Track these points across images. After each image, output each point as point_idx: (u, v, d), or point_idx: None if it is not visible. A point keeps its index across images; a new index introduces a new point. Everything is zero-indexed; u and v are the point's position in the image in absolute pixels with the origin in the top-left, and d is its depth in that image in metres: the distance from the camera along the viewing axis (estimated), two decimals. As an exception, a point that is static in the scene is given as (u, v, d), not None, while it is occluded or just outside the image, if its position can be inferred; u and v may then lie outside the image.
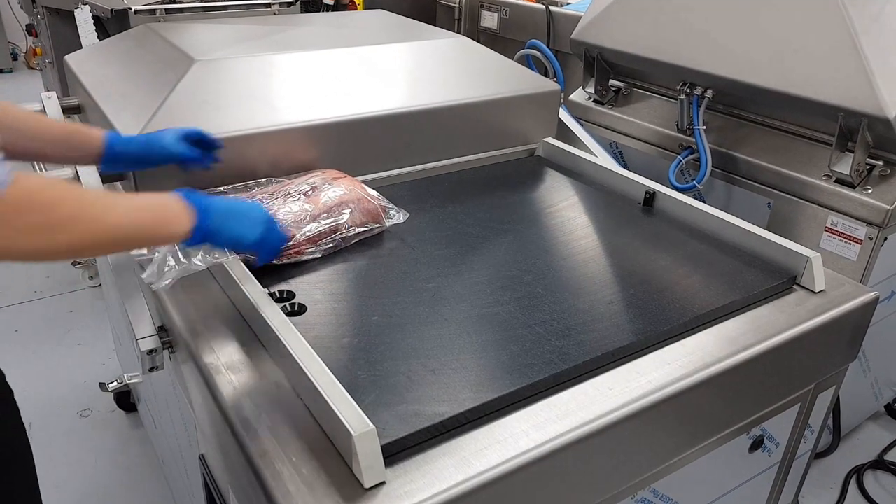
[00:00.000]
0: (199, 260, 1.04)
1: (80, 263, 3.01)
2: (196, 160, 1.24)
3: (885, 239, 1.66)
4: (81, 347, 2.62)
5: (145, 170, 1.26)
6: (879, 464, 2.17)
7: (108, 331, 2.61)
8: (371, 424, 0.78)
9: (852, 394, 2.02)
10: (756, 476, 1.31)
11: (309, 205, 1.23)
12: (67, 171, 1.32)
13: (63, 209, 0.83)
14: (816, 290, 1.21)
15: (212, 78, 1.43)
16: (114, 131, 1.25)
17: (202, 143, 1.26)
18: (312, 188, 1.28)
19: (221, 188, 1.32)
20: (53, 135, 1.17)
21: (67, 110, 1.72)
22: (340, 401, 0.82)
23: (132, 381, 1.94)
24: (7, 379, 1.21)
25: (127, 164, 1.24)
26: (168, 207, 0.94)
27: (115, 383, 2.22)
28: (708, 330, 1.10)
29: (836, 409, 1.98)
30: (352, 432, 0.77)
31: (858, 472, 2.13)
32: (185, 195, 0.97)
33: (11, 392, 1.22)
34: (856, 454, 2.19)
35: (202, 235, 0.96)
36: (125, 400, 2.31)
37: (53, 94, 1.71)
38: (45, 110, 1.64)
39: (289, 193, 1.26)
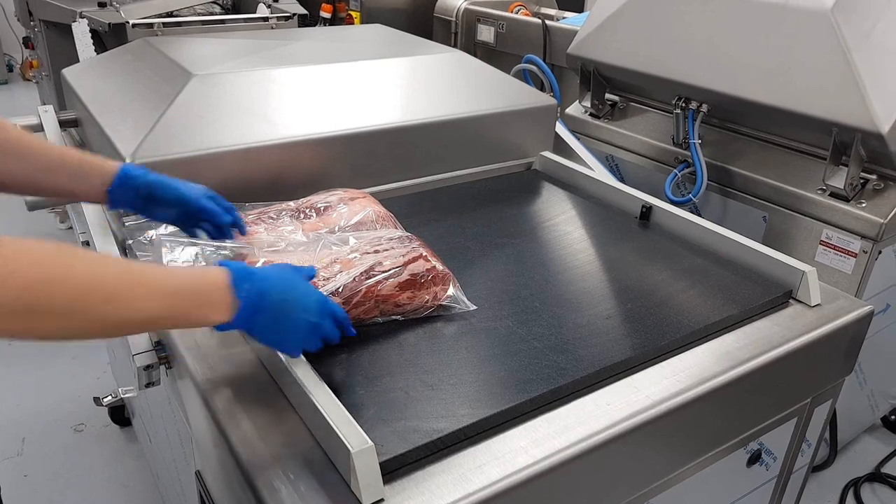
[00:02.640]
0: None
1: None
2: (215, 217, 1.08)
3: (880, 252, 1.67)
4: (76, 361, 2.61)
5: (154, 219, 1.12)
6: (876, 476, 2.17)
7: (102, 345, 2.59)
8: (369, 441, 0.78)
9: (849, 407, 2.02)
10: (754, 490, 1.31)
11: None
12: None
13: (67, 288, 0.69)
14: (812, 304, 1.22)
15: (210, 92, 1.44)
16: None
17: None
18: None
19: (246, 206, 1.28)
20: (64, 163, 1.03)
21: (64, 124, 1.72)
22: (338, 417, 0.82)
23: (127, 395, 1.93)
24: (1, 392, 1.17)
25: (137, 198, 1.07)
26: (202, 293, 0.80)
27: (110, 398, 2.20)
28: (705, 344, 1.10)
29: (832, 422, 1.98)
30: (350, 449, 0.77)
31: (856, 484, 2.13)
32: (234, 277, 0.82)
33: None
34: (853, 467, 2.19)
35: (243, 327, 0.85)
36: (120, 414, 2.30)
37: (50, 108, 1.71)
38: (42, 124, 1.65)
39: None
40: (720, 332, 1.13)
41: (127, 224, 1.25)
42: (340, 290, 1.01)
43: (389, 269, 1.05)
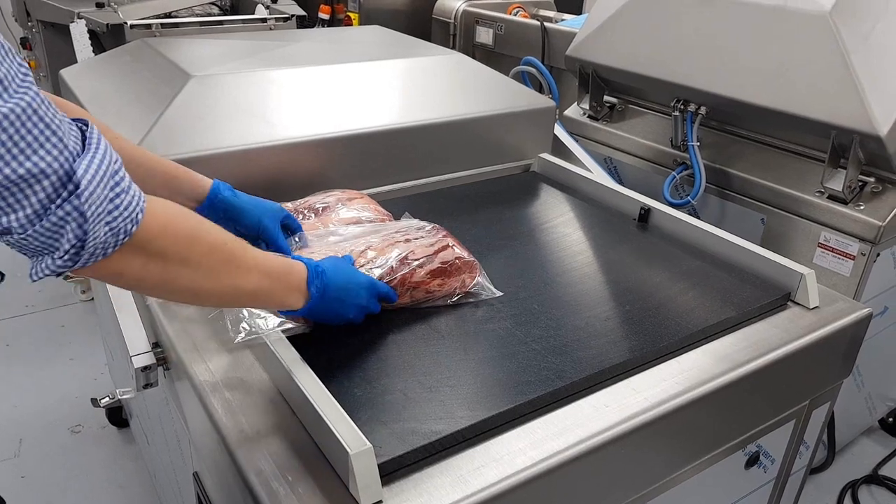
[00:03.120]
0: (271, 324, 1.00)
1: (72, 277, 2.99)
2: (284, 251, 1.14)
3: (878, 255, 1.68)
4: (73, 362, 2.60)
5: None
6: (874, 478, 2.17)
7: (100, 345, 2.59)
8: (368, 443, 0.78)
9: (847, 409, 2.02)
10: (752, 492, 1.31)
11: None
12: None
13: (202, 243, 0.80)
14: (810, 307, 1.22)
15: (208, 93, 1.44)
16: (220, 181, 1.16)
17: (288, 227, 1.20)
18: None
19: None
20: (157, 172, 1.09)
21: (63, 125, 1.71)
22: (337, 419, 0.82)
23: (124, 396, 1.92)
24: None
25: (220, 219, 1.12)
26: (289, 281, 0.92)
27: (108, 399, 2.19)
28: (703, 347, 1.10)
29: (830, 424, 1.98)
30: (349, 451, 0.77)
31: (853, 486, 2.13)
32: (311, 270, 0.94)
33: None
34: (850, 469, 2.19)
35: (305, 314, 0.97)
36: (117, 415, 2.29)
37: (49, 109, 1.71)
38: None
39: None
40: (718, 335, 1.13)
41: None
42: (380, 276, 1.06)
43: (421, 258, 1.10)
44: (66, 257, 0.68)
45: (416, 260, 1.09)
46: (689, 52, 1.92)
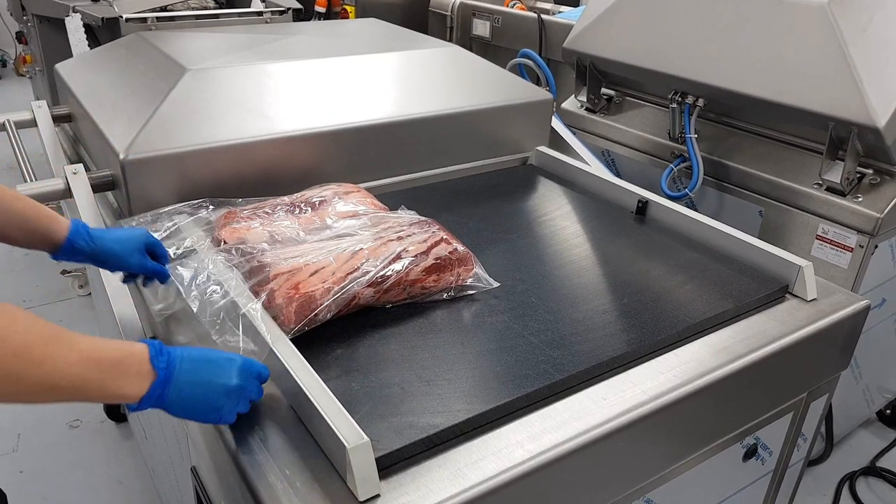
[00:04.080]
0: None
1: (69, 272, 2.98)
2: (155, 274, 1.12)
3: (876, 247, 1.68)
4: (71, 357, 2.60)
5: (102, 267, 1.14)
6: (871, 470, 2.17)
7: (98, 340, 2.58)
8: (365, 437, 0.78)
9: (844, 401, 2.03)
10: (750, 484, 1.31)
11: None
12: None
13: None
14: (808, 299, 1.22)
15: (204, 87, 1.43)
16: (80, 221, 1.10)
17: (155, 255, 1.14)
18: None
19: (239, 201, 1.29)
20: (13, 216, 1.02)
21: (58, 119, 1.71)
22: (334, 413, 0.81)
23: (123, 391, 1.92)
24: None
25: (84, 260, 1.09)
26: (127, 364, 0.79)
27: (106, 394, 2.19)
28: (701, 339, 1.10)
29: (828, 416, 1.99)
30: (346, 445, 0.77)
31: (851, 478, 2.13)
32: (153, 353, 0.81)
33: None
34: (848, 461, 2.20)
35: (157, 402, 0.82)
36: (115, 411, 2.29)
37: (44, 103, 1.71)
38: (35, 119, 1.64)
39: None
40: (716, 327, 1.13)
41: (120, 222, 1.24)
42: (374, 277, 1.05)
43: (415, 255, 1.09)
44: None
45: (409, 258, 1.09)
46: (686, 44, 1.91)
